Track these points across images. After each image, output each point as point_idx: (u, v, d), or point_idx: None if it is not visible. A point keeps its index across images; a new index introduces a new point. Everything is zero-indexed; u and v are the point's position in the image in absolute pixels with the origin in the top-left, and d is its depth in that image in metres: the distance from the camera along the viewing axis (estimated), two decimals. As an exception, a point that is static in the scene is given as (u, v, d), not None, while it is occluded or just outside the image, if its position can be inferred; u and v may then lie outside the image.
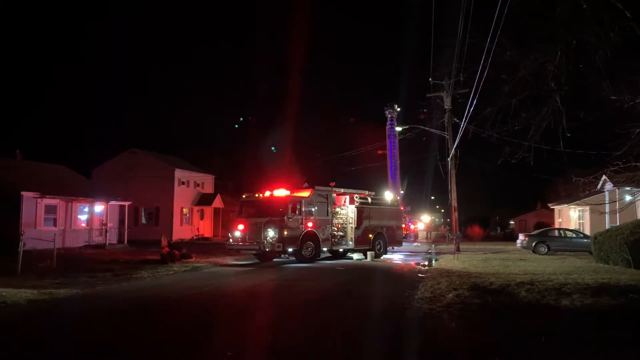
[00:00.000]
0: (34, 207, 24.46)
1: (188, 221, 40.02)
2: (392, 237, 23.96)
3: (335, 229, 21.27)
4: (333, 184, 21.74)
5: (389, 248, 23.77)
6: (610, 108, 11.84)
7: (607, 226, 22.24)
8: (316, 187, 20.74)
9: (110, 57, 74.11)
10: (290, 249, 19.06)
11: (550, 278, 12.46)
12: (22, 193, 23.87)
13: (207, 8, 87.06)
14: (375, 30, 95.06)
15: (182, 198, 39.14)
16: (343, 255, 22.44)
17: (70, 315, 9.30)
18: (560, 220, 36.30)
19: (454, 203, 28.53)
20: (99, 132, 65.96)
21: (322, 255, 20.96)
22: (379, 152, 37.64)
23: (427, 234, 48.06)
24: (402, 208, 27.38)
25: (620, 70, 11.50)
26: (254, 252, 19.55)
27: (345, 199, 22.10)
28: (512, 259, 19.92)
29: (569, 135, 12.50)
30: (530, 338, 6.92)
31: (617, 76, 11.58)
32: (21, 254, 15.08)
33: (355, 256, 22.59)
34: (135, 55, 74.01)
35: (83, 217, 28.08)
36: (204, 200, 41.63)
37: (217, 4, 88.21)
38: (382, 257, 22.33)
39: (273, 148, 47.25)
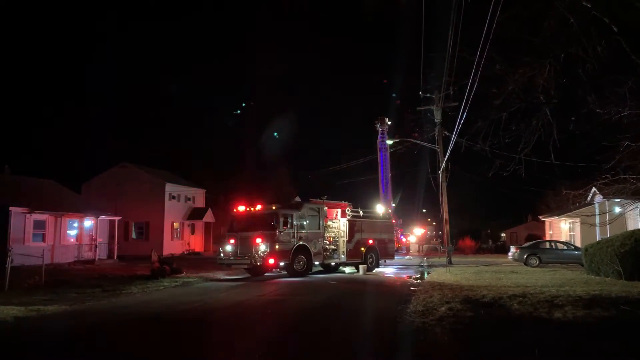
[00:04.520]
0: (22, 222, 24.19)
1: (179, 236, 39.67)
2: (384, 250, 23.91)
3: (327, 242, 21.19)
4: (325, 197, 21.69)
5: (381, 261, 23.71)
6: (599, 120, 11.96)
7: (598, 238, 22.40)
8: (307, 201, 20.69)
9: (101, 70, 74.09)
10: (281, 263, 18.93)
11: (542, 290, 12.46)
12: (11, 208, 23.60)
13: (205, 24, 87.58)
14: (366, 44, 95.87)
15: (173, 212, 38.85)
16: (335, 268, 22.36)
17: (57, 331, 9.14)
18: (551, 232, 36.48)
19: (446, 216, 28.58)
20: (89, 147, 65.60)
21: (314, 269, 20.86)
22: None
23: (419, 247, 48.05)
24: (393, 221, 27.39)
25: (607, 83, 11.65)
26: (245, 266, 19.41)
27: (337, 212, 22.06)
28: (504, 272, 19.92)
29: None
30: (524, 350, 6.88)
31: (604, 89, 11.73)
32: (9, 270, 14.87)
33: (348, 270, 22.50)
34: (127, 69, 74.06)
35: (72, 233, 27.77)
36: (195, 214, 41.36)
37: (215, 27, 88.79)
38: (374, 271, 22.25)
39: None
